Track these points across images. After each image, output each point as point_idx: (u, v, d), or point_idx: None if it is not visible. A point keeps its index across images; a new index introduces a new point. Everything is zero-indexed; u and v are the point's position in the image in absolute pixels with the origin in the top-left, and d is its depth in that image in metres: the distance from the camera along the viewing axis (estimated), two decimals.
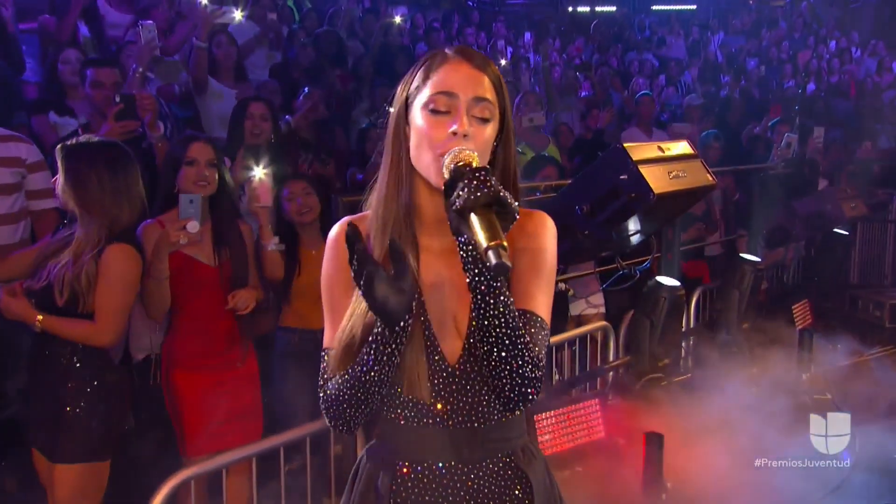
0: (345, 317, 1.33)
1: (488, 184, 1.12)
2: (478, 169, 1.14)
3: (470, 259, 1.18)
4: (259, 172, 2.97)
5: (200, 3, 3.98)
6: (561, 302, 3.96)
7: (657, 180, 2.79)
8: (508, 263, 1.08)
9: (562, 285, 3.72)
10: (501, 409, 1.33)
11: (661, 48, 10.50)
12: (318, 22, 6.48)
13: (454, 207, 1.13)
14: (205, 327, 2.77)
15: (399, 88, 1.37)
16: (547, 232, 1.41)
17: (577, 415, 2.98)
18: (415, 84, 1.33)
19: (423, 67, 1.34)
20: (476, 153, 1.22)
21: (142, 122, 3.20)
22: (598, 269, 4.03)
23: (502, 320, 1.21)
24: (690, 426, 3.12)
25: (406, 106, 1.34)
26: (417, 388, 1.34)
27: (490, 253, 1.08)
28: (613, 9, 12.37)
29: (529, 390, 1.27)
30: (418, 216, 1.36)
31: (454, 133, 1.26)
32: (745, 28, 11.39)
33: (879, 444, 3.24)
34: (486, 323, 1.22)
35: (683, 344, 4.18)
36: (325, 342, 1.39)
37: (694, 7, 12.51)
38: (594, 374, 3.74)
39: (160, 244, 2.61)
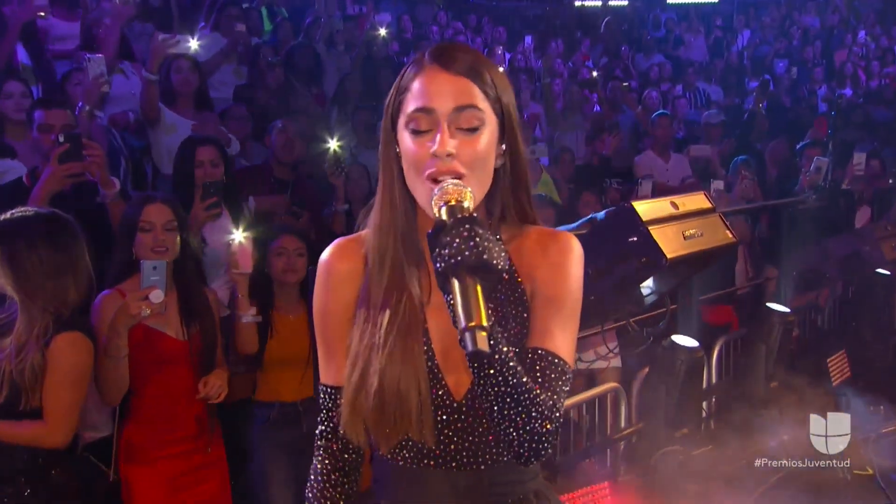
0: (351, 353, 1.36)
1: (473, 242, 1.14)
2: (463, 221, 1.16)
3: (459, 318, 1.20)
4: (239, 236, 3.00)
5: (157, 35, 4.04)
6: None
7: (670, 242, 2.86)
8: (485, 349, 1.12)
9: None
10: (514, 461, 1.34)
11: (678, 48, 10.64)
12: (293, 32, 6.56)
13: (436, 268, 1.16)
14: (170, 411, 2.80)
15: (388, 99, 1.38)
16: (573, 257, 1.41)
17: (584, 501, 3.04)
18: (398, 98, 1.35)
19: (401, 79, 1.36)
20: (467, 188, 1.25)
21: (88, 170, 3.18)
22: (605, 328, 4.09)
23: (500, 378, 1.23)
24: None
25: (393, 123, 1.36)
26: (419, 426, 1.34)
27: (466, 336, 1.11)
28: (625, 2, 12.50)
29: (541, 445, 1.29)
30: (423, 234, 1.34)
31: (435, 155, 1.27)
32: (774, 24, 11.53)
33: None
34: (482, 382, 1.24)
35: (705, 405, 4.24)
36: (322, 377, 1.44)
37: (717, 0, 12.66)
38: (604, 445, 3.80)
39: (119, 317, 2.60)
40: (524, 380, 1.25)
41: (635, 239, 2.82)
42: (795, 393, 4.31)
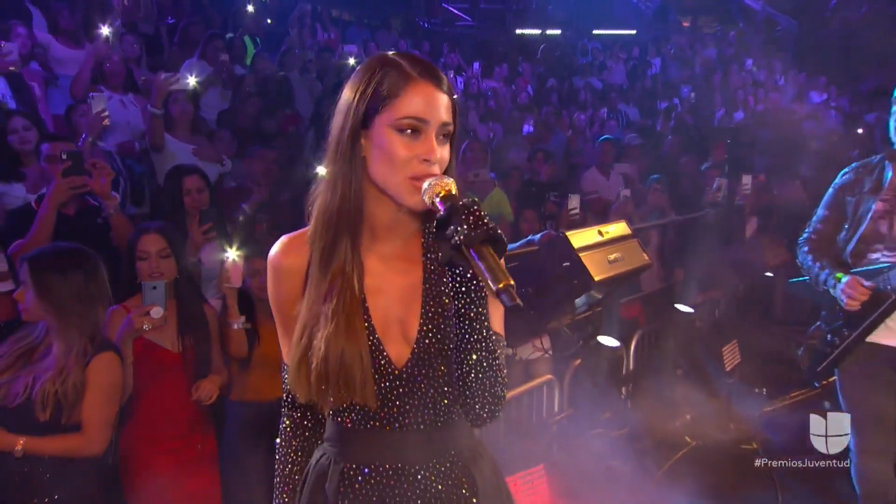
0: (299, 324, 1.36)
1: (483, 220, 1.16)
2: (471, 204, 1.18)
3: (462, 288, 1.25)
4: (232, 254, 2.97)
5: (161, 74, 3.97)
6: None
7: (598, 266, 2.94)
8: (520, 303, 1.12)
9: (509, 349, 3.84)
10: (470, 423, 1.38)
11: (602, 73, 10.76)
12: (270, 62, 6.47)
13: (453, 242, 1.16)
14: (165, 414, 2.76)
15: (350, 99, 1.32)
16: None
17: (522, 482, 3.10)
18: (378, 99, 1.29)
19: (382, 81, 1.29)
20: (452, 180, 1.25)
21: (93, 190, 3.14)
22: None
23: (483, 345, 1.27)
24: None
25: (363, 119, 1.31)
26: (363, 392, 1.33)
27: (503, 297, 1.12)
28: (559, 32, 12.57)
29: (498, 408, 1.33)
30: (366, 222, 1.36)
31: (427, 161, 1.27)
32: (681, 55, 11.73)
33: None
34: (468, 347, 1.27)
35: (623, 390, 4.36)
36: (284, 357, 1.44)
37: (634, 32, 12.82)
38: (540, 428, 3.87)
39: (125, 331, 2.61)
40: (495, 348, 1.30)
41: (568, 264, 2.90)
42: (696, 380, 4.46)
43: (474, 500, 1.41)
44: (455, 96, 1.34)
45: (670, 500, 3.21)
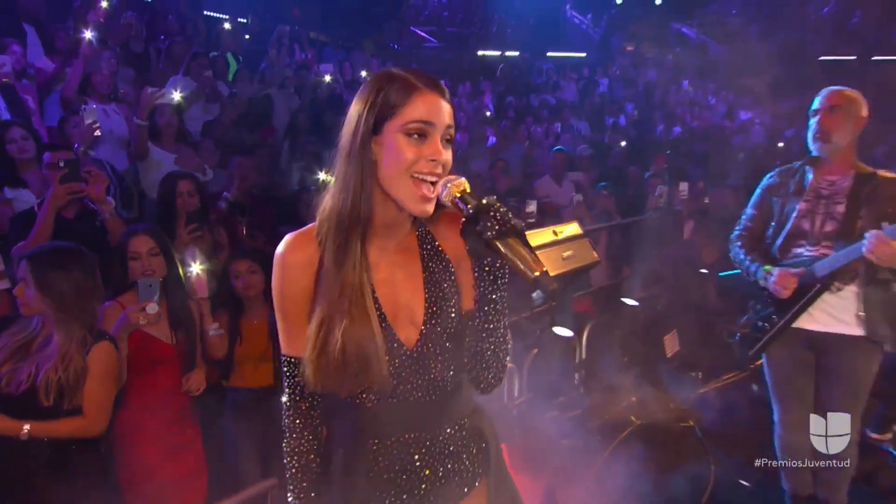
0: (315, 319, 1.33)
1: (508, 217, 1.22)
2: (494, 203, 1.23)
3: (488, 277, 1.31)
4: (196, 269, 2.93)
5: (147, 89, 3.89)
6: None
7: (553, 263, 2.97)
8: (557, 286, 1.19)
9: None
10: (479, 391, 1.42)
11: (556, 91, 10.87)
12: (250, 79, 6.40)
13: (486, 238, 1.20)
14: (157, 402, 2.72)
15: (360, 109, 1.32)
16: None
17: None
18: (387, 107, 1.30)
19: (391, 92, 1.30)
20: (464, 179, 1.29)
21: (90, 196, 3.10)
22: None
23: (500, 324, 1.35)
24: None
25: (374, 126, 1.31)
26: (380, 375, 1.35)
27: (541, 282, 1.18)
28: (517, 53, 12.66)
29: (503, 374, 1.42)
30: (370, 220, 1.36)
31: (434, 161, 1.28)
32: (625, 76, 11.90)
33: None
34: (490, 327, 1.34)
35: (577, 376, 4.40)
36: (284, 349, 1.40)
37: (584, 55, 12.96)
38: (501, 412, 3.89)
39: (122, 326, 2.58)
40: (507, 324, 1.37)
41: None
42: (640, 365, 4.52)
43: (481, 456, 1.48)
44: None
45: (617, 473, 3.25)
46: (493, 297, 1.33)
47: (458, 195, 1.26)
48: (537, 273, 1.17)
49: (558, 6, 13.69)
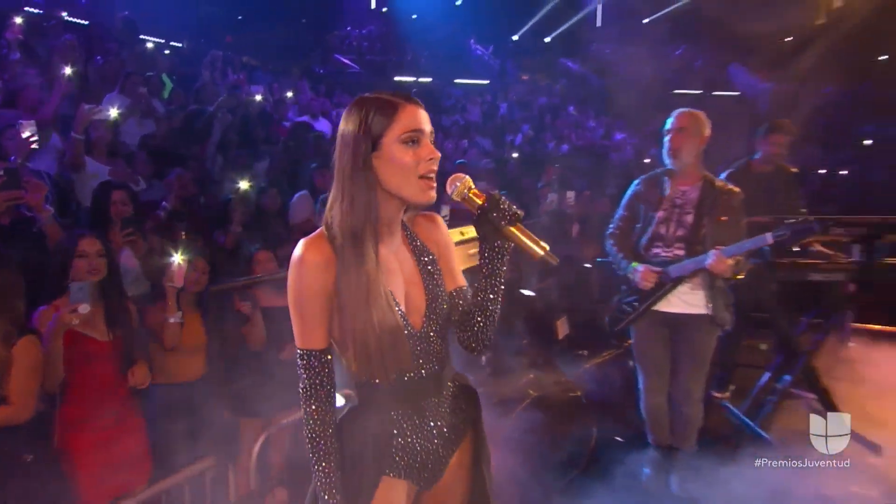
0: (348, 317, 1.33)
1: (513, 207, 1.34)
2: (500, 196, 1.35)
3: (498, 255, 1.40)
4: (178, 258, 2.83)
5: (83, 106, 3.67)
6: None
7: (461, 258, 3.01)
8: (557, 260, 1.32)
9: None
10: (472, 353, 1.49)
11: (463, 113, 11.03)
12: (184, 97, 6.13)
13: (501, 225, 1.33)
14: (97, 395, 2.58)
15: (354, 133, 1.34)
16: (445, 227, 1.57)
17: None
18: (380, 126, 1.32)
19: (379, 113, 1.32)
20: (468, 177, 1.38)
21: (29, 205, 2.93)
22: None
23: (499, 292, 1.44)
24: None
25: (373, 146, 1.33)
26: (406, 356, 1.39)
27: (547, 257, 1.34)
28: (430, 79, 12.77)
29: (491, 338, 1.49)
30: (378, 223, 1.38)
31: (432, 159, 1.34)
32: (522, 101, 12.25)
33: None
34: (492, 297, 1.43)
35: (483, 358, 4.51)
36: (302, 344, 1.37)
37: (487, 82, 13.24)
38: None
39: (55, 326, 2.43)
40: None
41: None
42: (536, 348, 4.70)
43: (469, 408, 1.53)
44: None
45: (517, 437, 3.37)
46: (498, 271, 1.41)
47: (468, 191, 1.35)
48: (543, 251, 1.32)
49: (465, 40, 13.97)
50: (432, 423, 1.46)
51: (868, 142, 8.30)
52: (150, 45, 7.31)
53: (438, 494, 1.52)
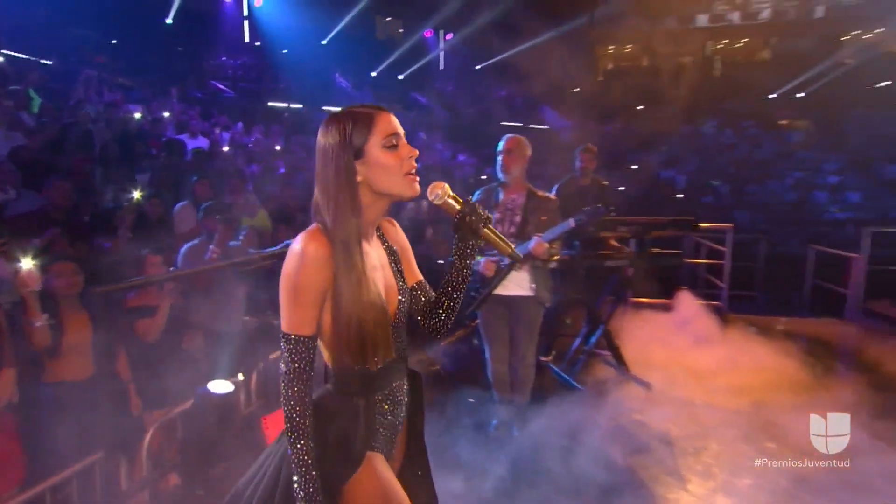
0: (343, 306, 1.27)
1: (485, 212, 1.37)
2: (474, 202, 1.37)
3: (469, 254, 1.41)
4: (28, 263, 2.47)
5: None
6: None
7: None
8: (521, 256, 1.33)
9: None
10: (434, 337, 1.48)
11: None
12: (56, 112, 5.35)
13: (476, 227, 1.35)
14: None
15: (335, 145, 1.28)
16: (402, 231, 1.54)
17: None
18: (361, 136, 1.28)
19: (356, 124, 1.28)
20: (446, 184, 1.36)
21: None
22: None
23: (466, 283, 1.45)
24: None
25: (355, 154, 1.28)
26: (388, 343, 1.35)
27: (514, 255, 1.42)
28: (301, 105, 12.37)
29: (451, 322, 1.48)
30: (367, 223, 1.34)
31: (411, 156, 1.30)
32: None
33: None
34: (462, 287, 1.44)
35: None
36: (292, 329, 1.26)
37: None
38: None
39: None
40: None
41: None
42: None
43: (415, 386, 1.49)
44: None
45: None
46: (468, 261, 1.42)
47: (448, 197, 1.35)
48: (512, 249, 1.40)
49: (330, 72, 13.86)
50: (400, 399, 1.44)
51: (634, 166, 9.88)
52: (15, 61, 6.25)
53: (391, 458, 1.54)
